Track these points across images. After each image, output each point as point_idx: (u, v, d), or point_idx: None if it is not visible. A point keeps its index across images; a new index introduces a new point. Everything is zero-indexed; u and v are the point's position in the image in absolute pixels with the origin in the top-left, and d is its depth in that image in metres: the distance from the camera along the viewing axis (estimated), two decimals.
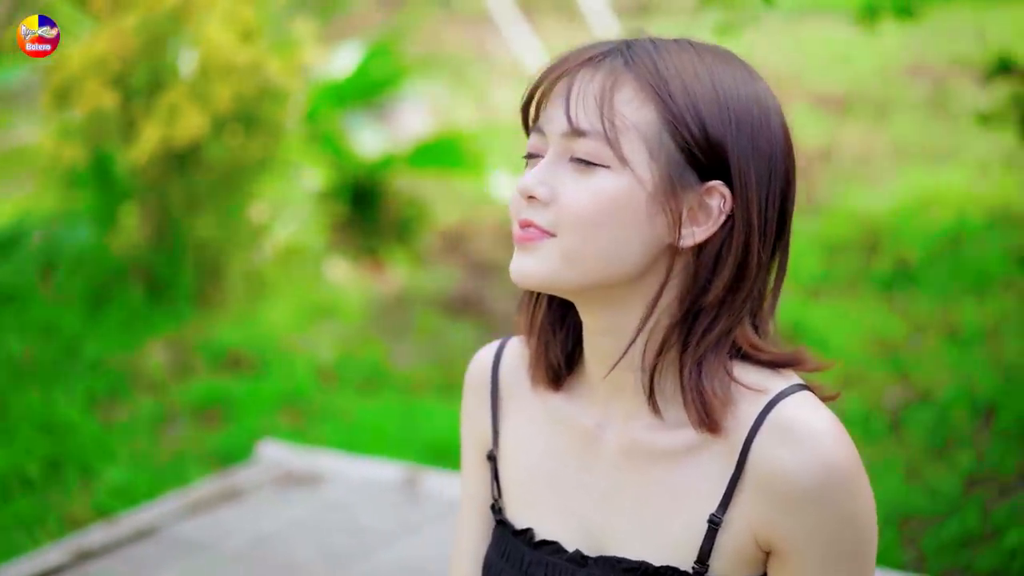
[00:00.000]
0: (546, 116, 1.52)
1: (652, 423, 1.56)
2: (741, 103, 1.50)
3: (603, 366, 1.59)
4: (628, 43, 1.53)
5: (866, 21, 4.14)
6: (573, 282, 1.51)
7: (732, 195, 1.49)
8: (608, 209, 1.47)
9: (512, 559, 1.65)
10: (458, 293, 6.34)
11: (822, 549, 1.46)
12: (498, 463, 1.71)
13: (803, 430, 1.45)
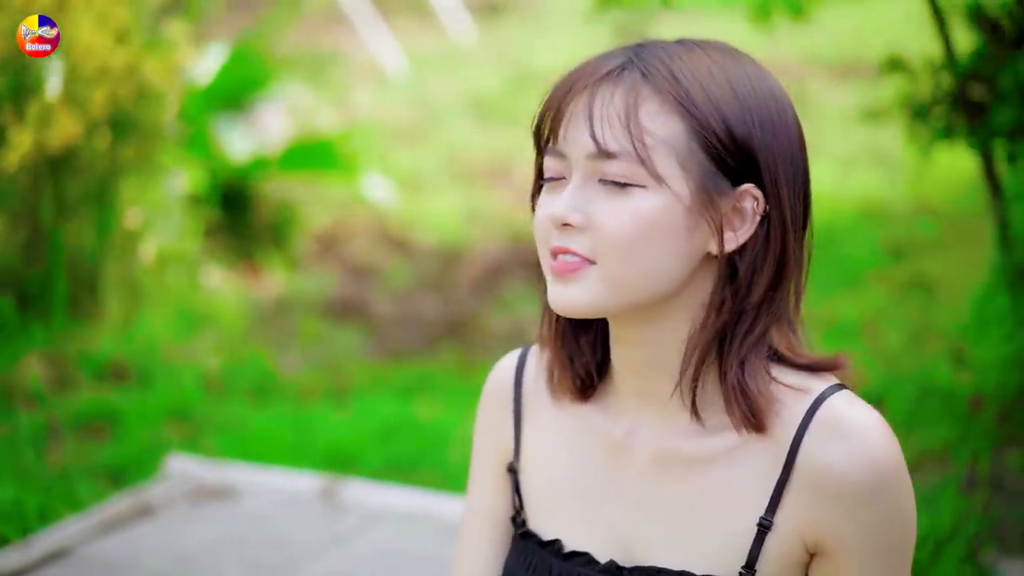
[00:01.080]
0: (567, 138, 1.50)
1: (688, 430, 1.55)
2: (760, 101, 1.50)
3: (635, 377, 1.58)
4: (637, 52, 1.52)
5: (760, 20, 4.20)
6: (619, 306, 1.50)
7: (764, 195, 1.49)
8: (649, 230, 1.46)
9: (539, 571, 1.62)
10: (338, 297, 6.26)
11: (871, 546, 1.47)
12: (519, 475, 1.69)
13: (853, 427, 1.46)
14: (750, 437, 1.51)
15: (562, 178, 1.52)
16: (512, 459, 1.70)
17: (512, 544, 1.71)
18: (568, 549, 1.62)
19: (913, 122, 4.39)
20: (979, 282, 5.66)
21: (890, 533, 1.47)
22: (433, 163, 7.95)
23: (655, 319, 1.53)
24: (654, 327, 1.53)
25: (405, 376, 5.38)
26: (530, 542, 1.66)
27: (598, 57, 1.54)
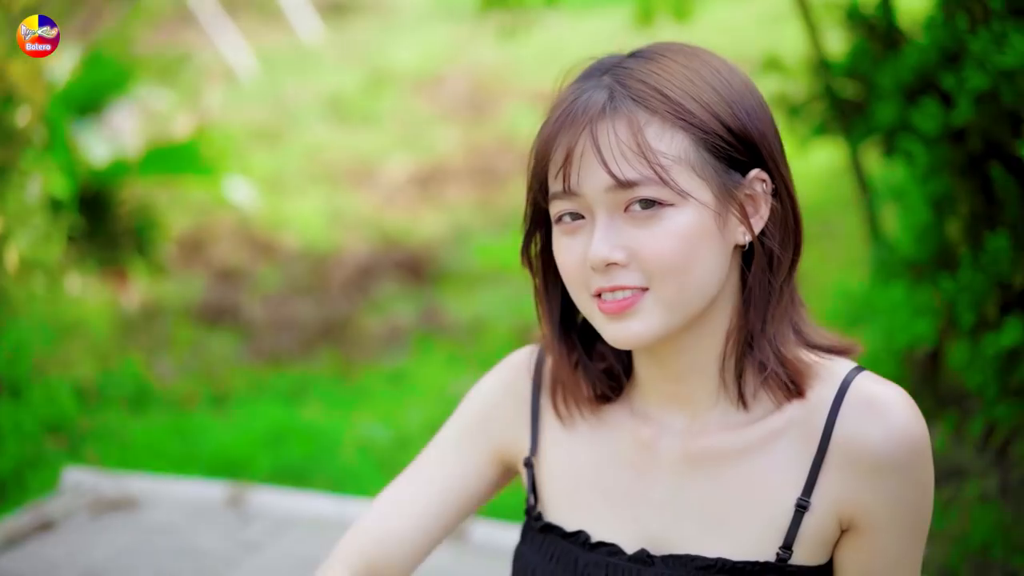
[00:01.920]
0: (580, 179, 1.52)
1: (722, 424, 1.60)
2: (738, 91, 1.57)
3: (668, 383, 1.62)
4: (615, 78, 1.55)
5: (643, 22, 4.30)
6: (679, 325, 1.54)
7: (769, 174, 1.55)
8: (691, 244, 1.50)
9: (564, 562, 1.65)
10: (207, 302, 6.17)
11: (901, 518, 1.54)
12: (535, 469, 1.71)
13: (885, 404, 1.52)
14: (785, 424, 1.56)
15: (579, 217, 1.56)
16: (528, 454, 1.73)
17: (529, 537, 1.73)
18: (594, 540, 1.65)
19: (790, 119, 4.53)
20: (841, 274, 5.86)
21: (919, 505, 1.54)
22: (293, 165, 7.89)
23: (694, 327, 1.58)
24: (692, 334, 1.58)
25: (285, 381, 5.34)
26: (551, 535, 1.69)
27: (576, 92, 1.56)
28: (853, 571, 1.58)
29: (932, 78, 3.71)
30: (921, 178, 3.54)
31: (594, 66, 1.61)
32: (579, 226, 1.56)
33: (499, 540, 3.16)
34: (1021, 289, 3.19)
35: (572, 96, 1.57)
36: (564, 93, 1.59)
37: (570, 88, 1.59)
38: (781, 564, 1.56)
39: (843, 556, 1.58)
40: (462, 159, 7.78)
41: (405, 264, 6.47)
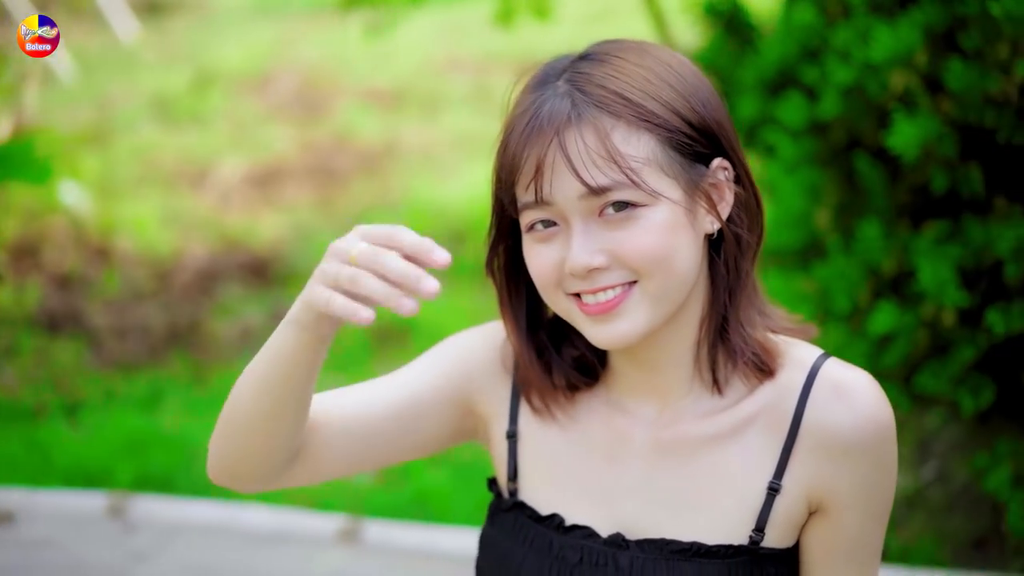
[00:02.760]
0: (550, 189, 1.55)
1: (694, 411, 1.64)
2: (691, 84, 1.62)
3: (643, 373, 1.65)
4: (573, 85, 1.58)
5: (504, 22, 4.33)
6: (663, 320, 1.57)
7: (730, 161, 1.60)
8: (668, 239, 1.54)
9: (538, 545, 1.66)
10: (47, 308, 5.99)
11: (868, 500, 1.60)
12: (518, 443, 1.72)
13: (854, 389, 1.58)
14: (756, 411, 1.61)
15: (552, 224, 1.57)
16: (508, 426, 1.74)
17: (499, 519, 1.74)
18: (569, 523, 1.67)
19: None
20: None
21: (884, 487, 1.61)
22: (123, 167, 7.70)
23: (670, 319, 1.61)
24: (668, 326, 1.62)
25: (137, 387, 5.23)
26: (523, 517, 1.70)
27: (537, 101, 1.58)
28: (819, 552, 1.63)
29: (793, 73, 3.84)
30: (788, 170, 3.66)
31: (546, 72, 1.63)
32: (552, 233, 1.58)
33: (394, 540, 3.17)
34: (891, 275, 3.32)
35: (533, 106, 1.58)
36: (522, 103, 1.61)
37: (527, 97, 1.60)
38: (754, 547, 1.61)
39: (809, 538, 1.63)
40: (298, 159, 7.70)
41: (249, 266, 6.39)
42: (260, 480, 1.62)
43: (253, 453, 1.59)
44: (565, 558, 1.66)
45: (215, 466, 1.63)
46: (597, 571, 1.64)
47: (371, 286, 1.37)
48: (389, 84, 8.75)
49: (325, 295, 1.42)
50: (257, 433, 1.57)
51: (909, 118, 3.24)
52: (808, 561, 1.64)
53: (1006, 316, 3.17)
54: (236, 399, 1.58)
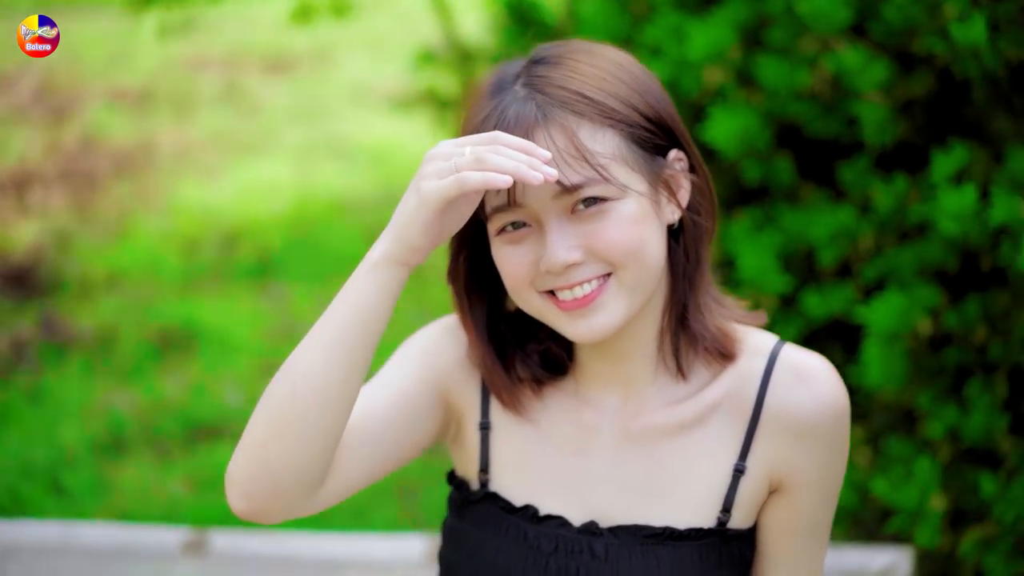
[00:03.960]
0: (523, 190, 1.58)
1: (659, 399, 1.68)
2: (640, 79, 1.68)
3: (610, 364, 1.69)
4: (533, 87, 1.62)
5: (301, 20, 4.29)
6: (639, 307, 1.61)
7: (684, 152, 1.66)
8: (639, 230, 1.58)
9: (512, 535, 1.69)
10: None
11: (824, 479, 1.69)
12: (490, 435, 1.73)
13: (813, 373, 1.66)
14: (718, 397, 1.67)
15: (522, 225, 1.59)
16: (480, 418, 1.74)
17: (468, 512, 1.76)
18: (543, 513, 1.69)
19: (441, 113, 4.66)
20: None
21: (838, 467, 1.69)
22: None
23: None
24: (635, 316, 1.65)
25: None
26: (495, 507, 1.71)
27: (499, 106, 1.61)
28: (776, 531, 1.71)
29: None
30: None
31: (500, 79, 1.65)
32: (523, 234, 1.61)
33: (241, 548, 3.11)
34: (713, 264, 3.45)
35: (496, 110, 1.61)
36: (482, 109, 1.63)
37: (487, 103, 1.63)
38: (721, 528, 1.67)
39: (768, 517, 1.71)
40: (47, 163, 7.40)
41: (6, 275, 6.11)
42: (301, 494, 1.56)
43: (308, 447, 1.53)
44: (540, 547, 1.68)
45: (250, 486, 1.54)
46: (572, 559, 1.67)
47: (498, 160, 1.45)
48: (134, 83, 8.49)
49: (451, 181, 1.45)
50: (324, 411, 1.52)
51: (726, 112, 3.38)
52: (766, 540, 1.71)
53: (823, 299, 3.34)
54: (298, 378, 1.52)
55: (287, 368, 1.54)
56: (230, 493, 1.56)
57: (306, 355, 1.53)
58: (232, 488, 1.55)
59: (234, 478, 1.55)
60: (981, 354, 3.17)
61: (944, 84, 3.33)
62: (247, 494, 1.54)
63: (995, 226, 3.06)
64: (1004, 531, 3.13)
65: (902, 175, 3.29)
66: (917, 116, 3.36)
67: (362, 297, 1.52)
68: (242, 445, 1.55)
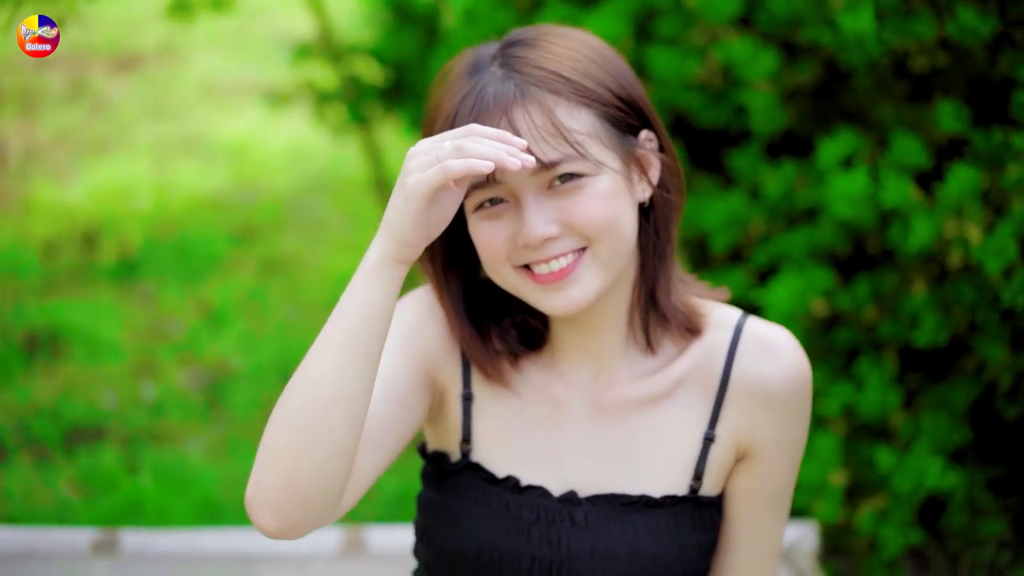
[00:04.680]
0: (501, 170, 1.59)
1: (629, 373, 1.73)
2: (610, 59, 1.73)
3: (583, 337, 1.73)
4: (510, 67, 1.66)
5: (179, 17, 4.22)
6: (612, 280, 1.66)
7: (654, 132, 1.71)
8: (613, 205, 1.63)
9: (494, 505, 1.73)
10: None
11: (787, 446, 1.75)
12: (472, 406, 1.75)
13: (777, 344, 1.73)
14: (687, 370, 1.72)
15: (500, 201, 1.62)
16: (463, 388, 1.76)
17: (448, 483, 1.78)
18: (524, 483, 1.73)
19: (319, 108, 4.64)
20: (330, 258, 6.02)
21: (801, 434, 1.76)
22: None
23: None
24: (608, 290, 1.69)
25: None
26: (476, 478, 1.74)
27: (477, 84, 1.64)
28: (741, 497, 1.77)
29: None
30: None
31: (476, 60, 1.68)
32: (500, 210, 1.64)
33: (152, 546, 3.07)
34: None
35: (475, 90, 1.64)
36: (460, 88, 1.65)
37: (465, 83, 1.65)
38: (694, 495, 1.73)
39: (734, 484, 1.77)
40: None
41: None
42: (328, 502, 1.56)
43: (334, 451, 1.53)
44: (522, 517, 1.72)
45: (280, 502, 1.53)
46: (553, 527, 1.71)
47: (478, 148, 1.49)
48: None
49: (434, 171, 1.49)
50: (346, 414, 1.53)
51: None
52: (732, 506, 1.77)
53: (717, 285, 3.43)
54: (316, 385, 1.53)
55: (302, 378, 1.55)
56: (259, 514, 1.54)
57: (321, 362, 1.54)
58: (260, 508, 1.53)
59: (261, 497, 1.53)
60: (871, 333, 3.29)
61: (828, 73, 3.44)
62: (277, 512, 1.53)
63: (886, 209, 3.18)
64: (899, 502, 3.25)
65: (790, 162, 3.40)
66: (803, 104, 3.47)
67: (367, 299, 1.54)
68: (265, 463, 1.54)
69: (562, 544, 1.71)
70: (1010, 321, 3.22)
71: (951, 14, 3.22)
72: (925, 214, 3.12)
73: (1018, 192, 3.09)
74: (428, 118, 1.70)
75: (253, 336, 5.31)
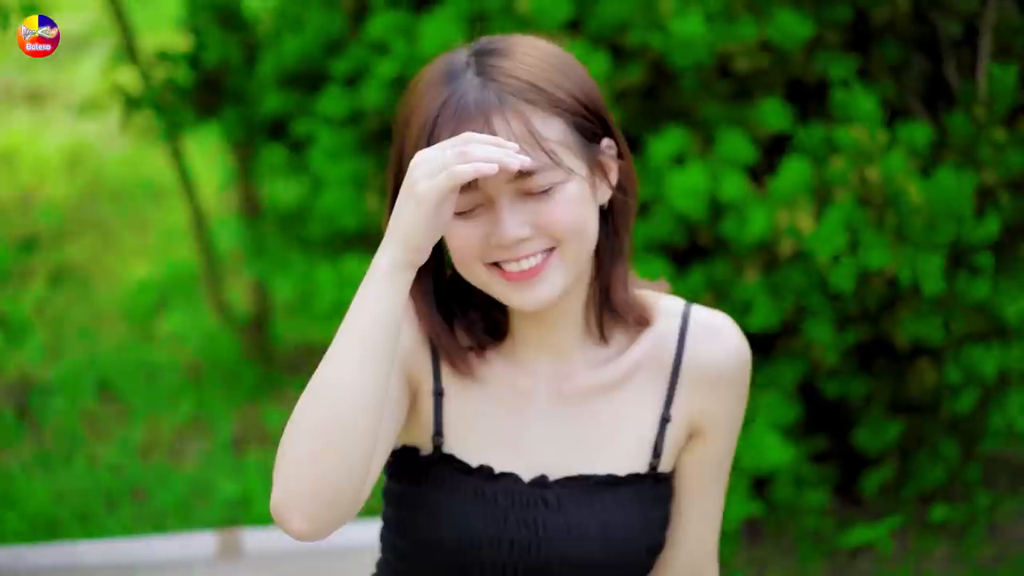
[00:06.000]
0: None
1: (586, 363, 1.84)
2: (580, 74, 1.81)
3: (542, 330, 1.83)
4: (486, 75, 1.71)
5: None
6: (575, 279, 1.76)
7: (613, 139, 1.82)
8: (581, 210, 1.73)
9: (471, 494, 1.81)
10: None
11: (731, 423, 1.90)
12: (443, 400, 1.83)
13: (722, 328, 1.87)
14: (641, 357, 1.84)
15: (476, 207, 1.71)
16: (434, 384, 1.84)
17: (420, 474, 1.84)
18: (498, 471, 1.82)
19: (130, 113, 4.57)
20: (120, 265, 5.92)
21: (742, 409, 1.91)
22: None
23: None
24: None
25: None
26: (450, 468, 1.82)
27: (456, 91, 1.70)
28: (691, 471, 1.91)
29: (318, 66, 4.03)
30: (331, 159, 3.85)
31: (449, 67, 1.74)
32: (476, 212, 1.72)
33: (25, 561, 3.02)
34: None
35: (454, 96, 1.69)
36: (437, 94, 1.71)
37: (442, 89, 1.71)
38: (653, 472, 1.86)
39: (685, 459, 1.91)
40: None
41: None
42: (352, 501, 1.61)
43: (357, 450, 1.58)
44: (498, 503, 1.81)
45: (309, 506, 1.58)
46: (528, 510, 1.81)
47: (480, 151, 1.58)
48: None
49: (443, 177, 1.57)
50: (366, 416, 1.59)
51: None
52: (683, 481, 1.91)
53: None
54: (337, 391, 1.58)
55: (322, 385, 1.60)
56: (289, 518, 1.59)
57: (341, 370, 1.59)
58: (290, 513, 1.58)
59: (290, 502, 1.58)
60: None
61: (656, 74, 3.63)
62: (308, 515, 1.58)
63: (722, 202, 3.39)
64: (739, 476, 3.47)
65: None
66: (632, 105, 3.65)
67: (383, 304, 1.60)
68: (288, 470, 1.59)
69: (538, 525, 1.81)
70: (837, 304, 3.48)
71: (771, 18, 3.45)
72: (760, 206, 3.34)
73: (842, 184, 3.34)
74: (400, 123, 1.76)
75: (53, 347, 5.19)
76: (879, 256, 3.29)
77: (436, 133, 1.69)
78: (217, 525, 3.85)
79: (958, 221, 3.32)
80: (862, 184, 3.35)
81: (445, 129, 1.69)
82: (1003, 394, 3.66)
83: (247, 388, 4.77)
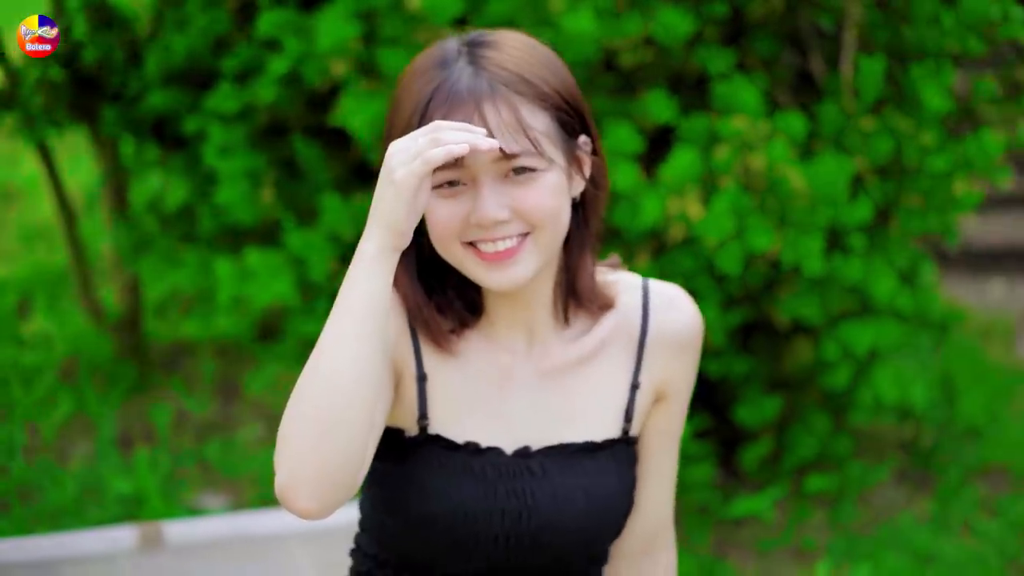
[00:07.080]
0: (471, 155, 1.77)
1: (558, 340, 1.95)
2: (564, 71, 1.92)
3: (517, 310, 1.93)
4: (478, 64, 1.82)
5: None
6: (546, 263, 1.87)
7: (589, 136, 1.94)
8: (558, 199, 1.84)
9: (459, 470, 1.90)
10: None
11: (688, 386, 2.05)
12: (426, 384, 1.92)
13: (679, 299, 2.01)
14: (609, 332, 1.95)
15: (456, 183, 1.80)
16: (417, 369, 1.92)
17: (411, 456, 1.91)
18: (483, 446, 1.91)
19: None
20: None
21: (695, 376, 2.05)
22: None
23: None
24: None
25: None
26: (438, 447, 1.91)
27: (450, 77, 1.80)
28: (655, 434, 2.04)
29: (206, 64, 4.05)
30: (224, 154, 3.88)
31: (442, 55, 1.84)
32: (458, 191, 1.82)
33: None
34: (352, 241, 3.69)
35: (447, 81, 1.79)
36: (431, 78, 1.80)
37: (436, 74, 1.81)
38: (626, 436, 1.99)
39: (650, 424, 2.04)
40: None
41: None
42: (353, 479, 1.69)
43: (358, 432, 1.67)
44: (487, 476, 1.90)
45: (314, 486, 1.66)
46: (515, 480, 1.91)
47: (451, 136, 1.68)
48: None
49: (418, 163, 1.66)
50: (364, 396, 1.66)
51: (356, 101, 3.63)
52: (648, 444, 2.04)
53: None
54: (334, 374, 1.65)
55: (318, 368, 1.68)
56: (296, 499, 1.66)
57: (336, 355, 1.67)
58: (296, 494, 1.66)
59: (295, 484, 1.66)
60: None
61: None
62: (312, 495, 1.66)
63: (615, 191, 3.53)
64: None
65: None
66: None
67: (371, 289, 1.69)
68: (290, 453, 1.67)
69: (527, 494, 1.92)
70: (722, 285, 3.66)
71: (654, 14, 3.62)
72: (652, 195, 3.49)
73: (727, 172, 3.52)
74: (394, 106, 1.85)
75: None
76: (763, 239, 3.47)
77: (428, 115, 1.79)
78: (113, 524, 3.84)
79: (834, 205, 3.53)
80: (746, 172, 3.53)
81: (437, 112, 1.79)
82: (871, 369, 3.90)
83: (125, 386, 4.75)
